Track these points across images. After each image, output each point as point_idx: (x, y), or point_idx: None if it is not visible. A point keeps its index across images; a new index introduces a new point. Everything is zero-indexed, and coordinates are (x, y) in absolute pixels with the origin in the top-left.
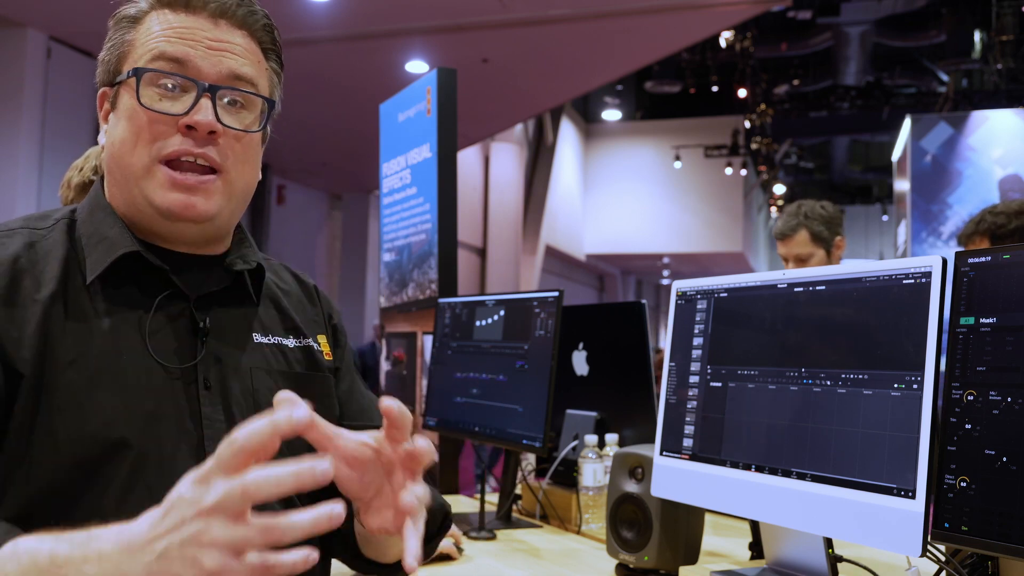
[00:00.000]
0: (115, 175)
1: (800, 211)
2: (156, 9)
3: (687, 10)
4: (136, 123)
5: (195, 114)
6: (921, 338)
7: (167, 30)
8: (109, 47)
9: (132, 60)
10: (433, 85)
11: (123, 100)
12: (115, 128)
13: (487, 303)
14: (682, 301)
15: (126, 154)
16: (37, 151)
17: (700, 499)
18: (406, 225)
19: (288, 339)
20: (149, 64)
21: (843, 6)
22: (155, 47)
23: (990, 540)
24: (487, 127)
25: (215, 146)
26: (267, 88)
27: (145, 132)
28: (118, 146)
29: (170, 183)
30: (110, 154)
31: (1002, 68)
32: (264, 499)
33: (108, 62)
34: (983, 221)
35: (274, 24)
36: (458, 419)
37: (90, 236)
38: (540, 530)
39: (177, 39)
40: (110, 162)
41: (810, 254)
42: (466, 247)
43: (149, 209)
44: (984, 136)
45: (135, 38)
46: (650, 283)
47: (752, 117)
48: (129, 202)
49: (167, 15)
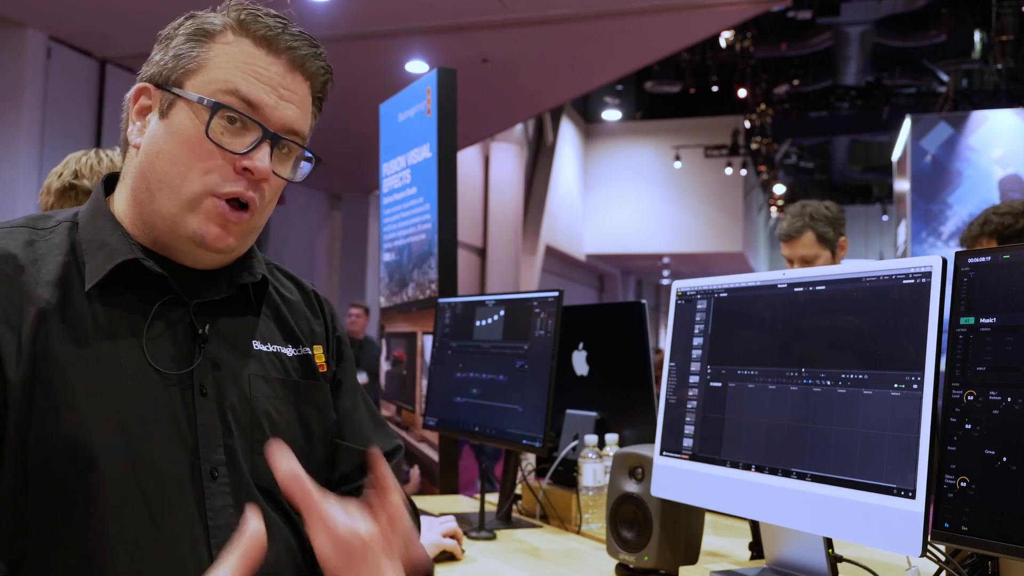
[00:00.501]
0: (150, 184)
1: (805, 212)
2: (237, 34)
3: (687, 10)
4: (195, 150)
5: (255, 159)
6: (921, 338)
7: (246, 66)
8: (174, 52)
9: (203, 81)
10: (433, 85)
11: (180, 116)
12: (163, 141)
13: (487, 303)
14: (682, 301)
15: (175, 175)
16: (37, 151)
17: (700, 499)
18: (406, 225)
19: (287, 348)
20: (224, 98)
21: (843, 6)
22: (232, 81)
23: (990, 540)
24: (487, 127)
25: (260, 191)
26: (308, 134)
27: (203, 162)
28: (165, 161)
29: (216, 217)
30: (150, 163)
31: (1002, 68)
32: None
33: (168, 66)
34: (988, 222)
35: (331, 75)
36: (458, 419)
37: (90, 242)
38: (540, 530)
39: (255, 79)
40: (146, 170)
41: (816, 256)
42: (466, 247)
43: (177, 231)
44: (984, 136)
45: (209, 58)
46: (650, 283)
47: (752, 117)
48: (153, 214)
49: (248, 46)
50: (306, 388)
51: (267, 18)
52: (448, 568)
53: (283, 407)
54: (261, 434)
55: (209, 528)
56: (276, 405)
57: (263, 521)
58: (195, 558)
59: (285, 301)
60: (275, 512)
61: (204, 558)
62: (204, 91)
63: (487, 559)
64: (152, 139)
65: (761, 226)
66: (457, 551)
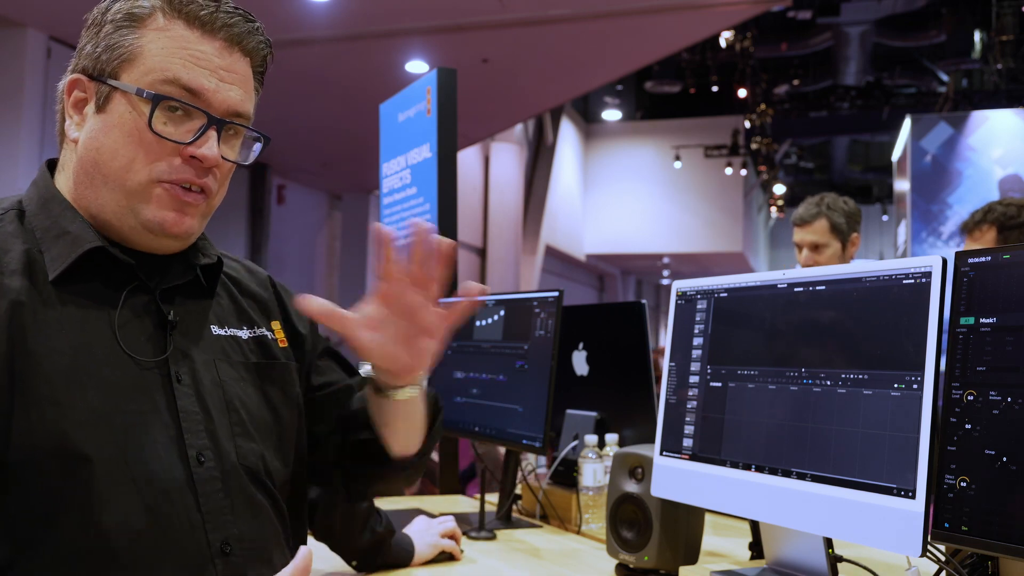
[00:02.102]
0: (93, 179)
1: (823, 201)
2: (168, 17)
3: (687, 10)
4: (138, 142)
5: (202, 146)
6: (921, 338)
7: (182, 51)
8: (106, 41)
9: (140, 71)
10: (433, 85)
11: (119, 109)
12: (103, 135)
13: (487, 303)
14: (682, 301)
15: (120, 168)
16: (37, 151)
17: (700, 499)
18: (406, 225)
19: (242, 330)
20: (163, 88)
21: (843, 6)
22: (170, 70)
23: (990, 540)
24: (487, 127)
25: (212, 175)
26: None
27: (147, 153)
28: (106, 155)
29: (169, 202)
30: (91, 159)
31: (1002, 68)
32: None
33: (101, 57)
34: (992, 211)
35: (271, 47)
36: (458, 419)
37: (46, 230)
38: (540, 530)
39: (193, 65)
40: (88, 165)
41: (826, 244)
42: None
43: (133, 221)
44: (984, 136)
45: (143, 45)
46: (650, 283)
47: (752, 117)
48: (105, 207)
49: (181, 29)
50: (266, 368)
51: (203, 2)
52: (448, 568)
53: (248, 389)
54: (237, 416)
55: (204, 513)
56: (242, 387)
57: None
58: (195, 544)
59: (235, 283)
60: (259, 492)
61: (203, 544)
62: (142, 82)
63: (487, 559)
64: (91, 134)
65: (761, 226)
66: (456, 551)
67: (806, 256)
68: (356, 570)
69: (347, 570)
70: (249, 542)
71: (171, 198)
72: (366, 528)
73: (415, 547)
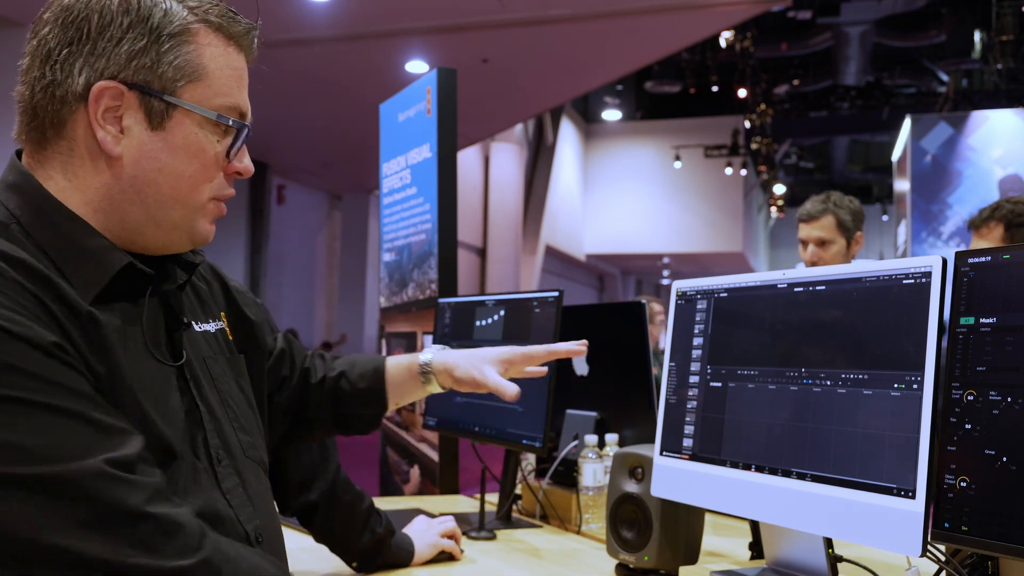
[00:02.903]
0: (144, 197)
1: (830, 199)
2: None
3: (687, 10)
4: (205, 164)
5: (243, 160)
6: (921, 338)
7: (231, 71)
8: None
9: (205, 92)
10: (433, 85)
11: (184, 129)
12: (166, 155)
13: (487, 303)
14: (682, 301)
15: (186, 189)
16: None
17: (700, 499)
18: (406, 225)
19: (209, 324)
20: (229, 113)
21: (843, 6)
22: (231, 95)
23: (990, 540)
24: (487, 127)
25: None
26: None
27: (210, 174)
28: (170, 176)
29: (215, 215)
30: (149, 179)
31: (1002, 68)
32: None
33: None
34: (1000, 208)
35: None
36: (458, 419)
37: (61, 247)
38: (540, 530)
39: (240, 87)
40: (141, 184)
41: (832, 240)
42: (466, 247)
43: (177, 235)
44: (984, 136)
45: (204, 64)
46: (650, 283)
47: (752, 117)
48: (136, 220)
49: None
50: (235, 362)
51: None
52: (448, 568)
53: (231, 383)
54: (232, 412)
55: (234, 508)
56: (227, 382)
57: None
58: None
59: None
60: (263, 482)
61: (243, 536)
62: (211, 105)
63: (487, 559)
64: (147, 152)
65: (761, 226)
66: (456, 551)
67: (811, 252)
68: (356, 571)
69: (346, 571)
70: (269, 531)
71: (217, 211)
72: (366, 529)
73: (415, 547)
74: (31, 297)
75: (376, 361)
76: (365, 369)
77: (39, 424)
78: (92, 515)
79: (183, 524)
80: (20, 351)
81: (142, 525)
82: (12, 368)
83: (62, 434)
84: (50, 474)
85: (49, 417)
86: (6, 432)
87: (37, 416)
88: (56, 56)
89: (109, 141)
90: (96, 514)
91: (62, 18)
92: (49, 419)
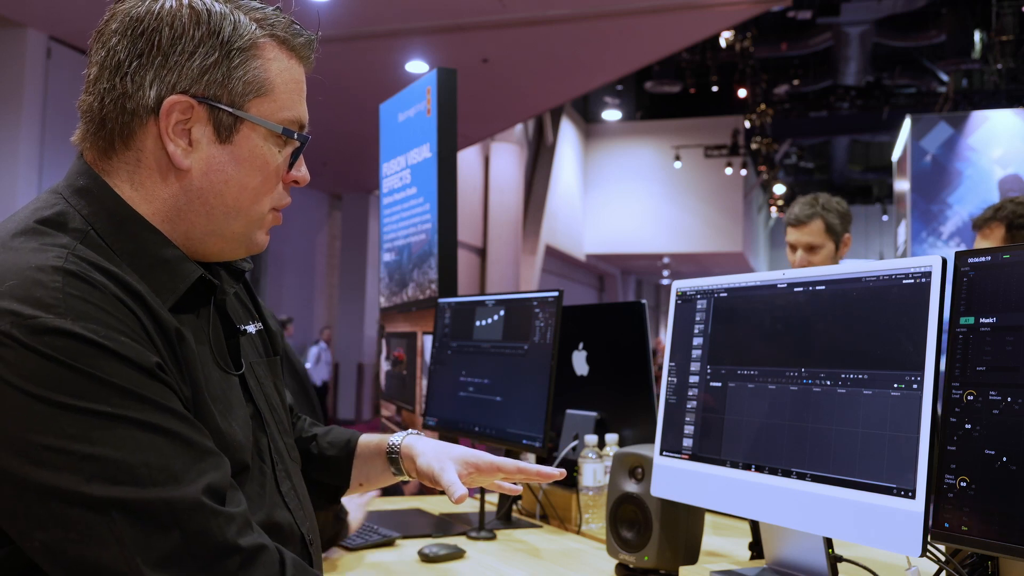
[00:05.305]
0: (211, 209)
1: (818, 202)
2: (278, 45)
3: (687, 10)
4: (267, 177)
5: (301, 169)
6: (921, 338)
7: (294, 84)
8: (234, 71)
9: (271, 106)
10: (433, 85)
11: (249, 143)
12: (233, 168)
13: (487, 303)
14: (682, 301)
15: (248, 201)
16: (37, 151)
17: (700, 499)
18: (406, 225)
19: (251, 326)
20: (293, 127)
21: (843, 6)
22: (294, 109)
23: (990, 540)
24: (487, 127)
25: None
26: None
27: (271, 185)
28: (235, 188)
29: (272, 224)
30: (216, 191)
31: (1002, 68)
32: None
33: (226, 85)
34: (1003, 208)
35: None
36: (458, 419)
37: (134, 255)
38: (540, 530)
39: (301, 100)
40: (209, 196)
41: (821, 244)
42: (466, 247)
43: (237, 245)
44: (984, 136)
45: (270, 79)
46: (650, 283)
47: (752, 117)
48: (201, 230)
49: (286, 59)
50: (272, 363)
51: (301, 29)
52: (448, 567)
53: (271, 386)
54: (278, 415)
55: (291, 511)
56: (269, 385)
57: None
58: (294, 540)
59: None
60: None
61: (299, 538)
62: (276, 118)
63: (487, 559)
64: (215, 165)
65: (761, 226)
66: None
67: (800, 257)
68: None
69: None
70: (315, 532)
71: (275, 221)
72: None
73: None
74: (129, 313)
75: (350, 433)
76: (337, 438)
77: (143, 443)
78: (183, 546)
79: (265, 547)
80: (125, 372)
81: (233, 557)
82: (119, 389)
83: (164, 456)
84: (151, 499)
85: (154, 437)
86: (106, 449)
87: (141, 435)
88: (127, 68)
89: (179, 154)
90: (187, 546)
91: (131, 29)
92: (152, 439)
